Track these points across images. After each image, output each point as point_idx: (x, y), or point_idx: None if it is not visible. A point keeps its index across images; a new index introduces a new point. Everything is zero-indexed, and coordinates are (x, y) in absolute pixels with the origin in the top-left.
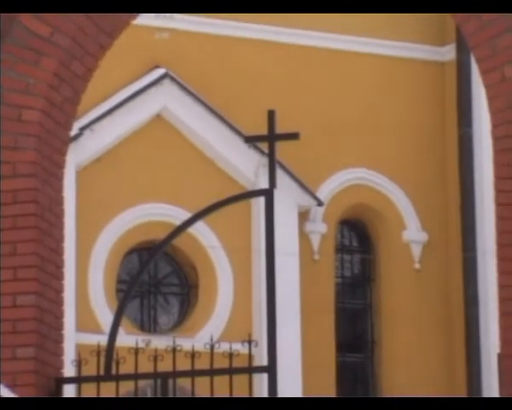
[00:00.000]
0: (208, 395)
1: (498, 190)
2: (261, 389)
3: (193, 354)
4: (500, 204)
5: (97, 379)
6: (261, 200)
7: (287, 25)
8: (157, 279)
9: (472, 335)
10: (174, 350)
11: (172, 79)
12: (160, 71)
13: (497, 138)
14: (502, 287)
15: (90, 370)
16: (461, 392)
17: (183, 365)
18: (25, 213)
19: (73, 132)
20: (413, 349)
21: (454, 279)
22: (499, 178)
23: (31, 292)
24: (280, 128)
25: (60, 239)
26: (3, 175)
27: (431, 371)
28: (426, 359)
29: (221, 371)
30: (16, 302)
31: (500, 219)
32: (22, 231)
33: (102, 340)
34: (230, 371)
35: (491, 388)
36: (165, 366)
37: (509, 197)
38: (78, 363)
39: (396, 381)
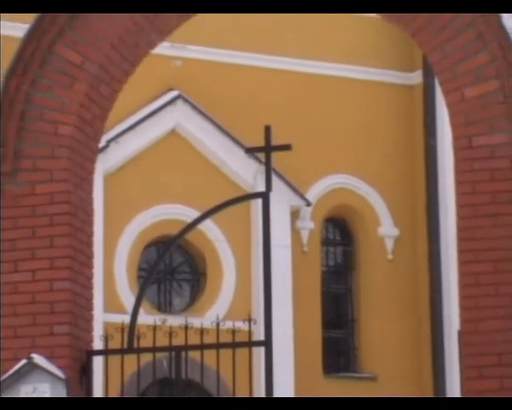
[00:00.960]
0: (215, 366)
1: (458, 193)
2: (259, 361)
3: (202, 331)
4: (460, 205)
5: (121, 352)
6: (259, 201)
7: (282, 54)
8: (172, 268)
9: (436, 314)
10: (186, 327)
11: (184, 99)
12: (174, 93)
13: (457, 149)
14: (462, 274)
15: (115, 344)
16: (426, 360)
17: (194, 339)
18: (60, 213)
19: (101, 144)
20: (386, 326)
21: (421, 268)
22: (459, 182)
23: (65, 278)
24: (275, 140)
25: (90, 234)
26: (42, 179)
27: (401, 345)
28: (397, 334)
29: (225, 345)
30: (53, 287)
31: (460, 217)
32: (58, 228)
33: (126, 319)
34: (233, 345)
35: (451, 357)
36: (178, 340)
37: (468, 199)
38: (106, 338)
39: (372, 352)
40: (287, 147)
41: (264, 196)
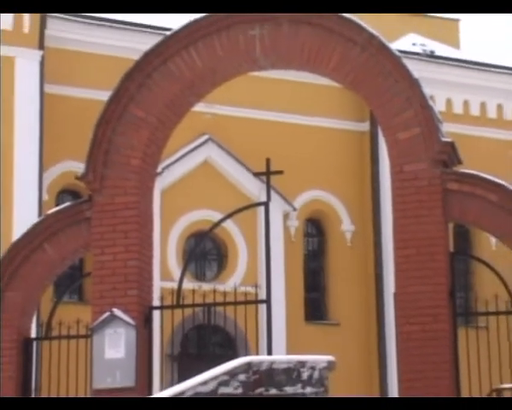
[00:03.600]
0: (233, 316)
1: (394, 202)
2: (262, 313)
3: (225, 293)
4: (395, 210)
5: (172, 307)
6: (262, 208)
7: (277, 110)
8: (205, 251)
9: (379, 282)
10: (214, 291)
11: (213, 141)
12: (206, 136)
13: (393, 173)
14: (396, 256)
15: (167, 302)
16: (372, 312)
17: (219, 299)
18: (131, 215)
19: (158, 170)
20: (346, 291)
21: (369, 252)
22: (394, 195)
23: (135, 259)
24: (272, 167)
25: (151, 229)
26: (119, 193)
27: (356, 303)
28: (353, 296)
29: (240, 303)
30: (127, 265)
31: (395, 218)
32: (130, 225)
33: (174, 285)
34: (245, 303)
35: (389, 312)
36: (209, 299)
37: (400, 206)
38: (161, 298)
39: (336, 308)
40: (280, 172)
41: (266, 205)
